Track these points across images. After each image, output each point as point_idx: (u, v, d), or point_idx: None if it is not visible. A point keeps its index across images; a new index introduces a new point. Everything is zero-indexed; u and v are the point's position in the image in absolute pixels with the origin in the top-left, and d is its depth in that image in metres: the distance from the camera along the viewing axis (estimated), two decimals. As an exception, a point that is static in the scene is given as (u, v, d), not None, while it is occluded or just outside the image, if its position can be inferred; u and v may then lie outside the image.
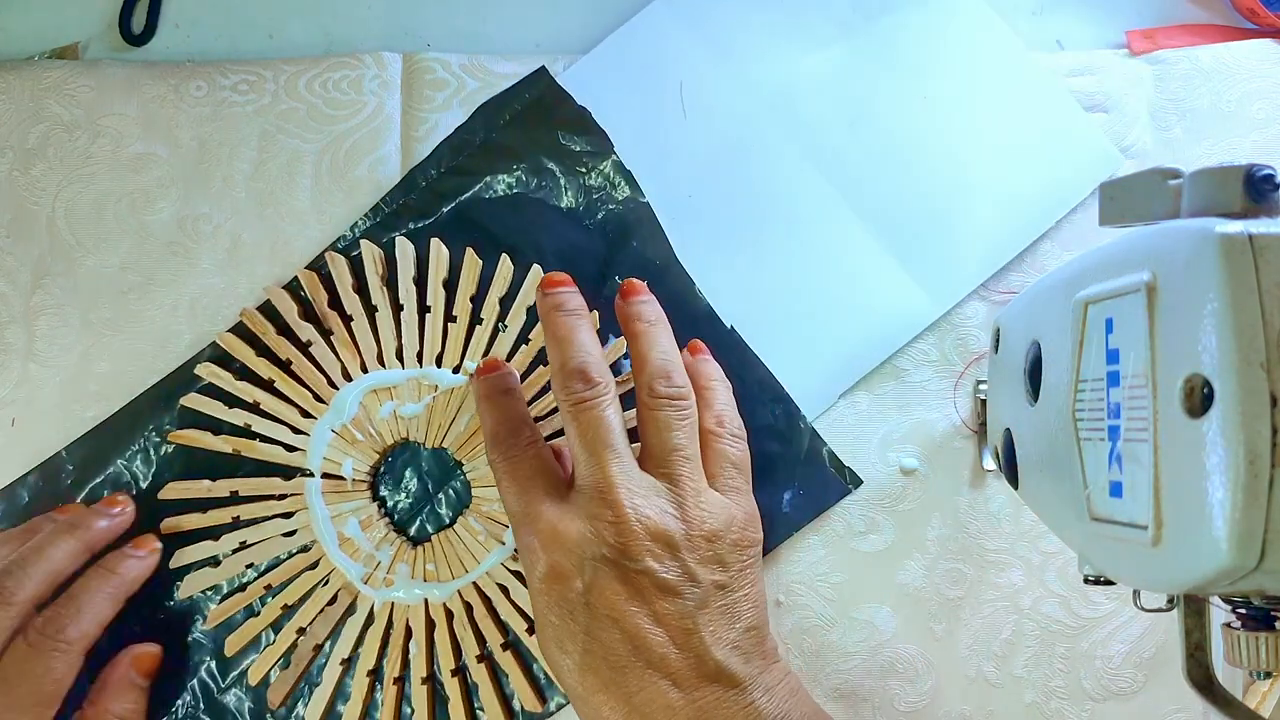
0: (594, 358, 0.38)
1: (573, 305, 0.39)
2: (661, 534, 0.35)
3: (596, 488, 0.35)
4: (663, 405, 0.37)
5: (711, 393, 0.40)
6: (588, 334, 0.38)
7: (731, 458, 0.39)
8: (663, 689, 0.34)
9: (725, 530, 0.36)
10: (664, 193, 0.45)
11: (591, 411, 0.36)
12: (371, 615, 0.42)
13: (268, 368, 0.43)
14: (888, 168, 0.45)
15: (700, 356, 0.42)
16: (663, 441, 0.37)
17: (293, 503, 0.43)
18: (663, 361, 0.38)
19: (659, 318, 0.40)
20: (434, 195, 0.44)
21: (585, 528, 0.35)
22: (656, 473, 0.37)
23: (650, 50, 0.46)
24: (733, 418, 0.40)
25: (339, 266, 0.43)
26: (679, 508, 0.36)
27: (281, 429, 0.43)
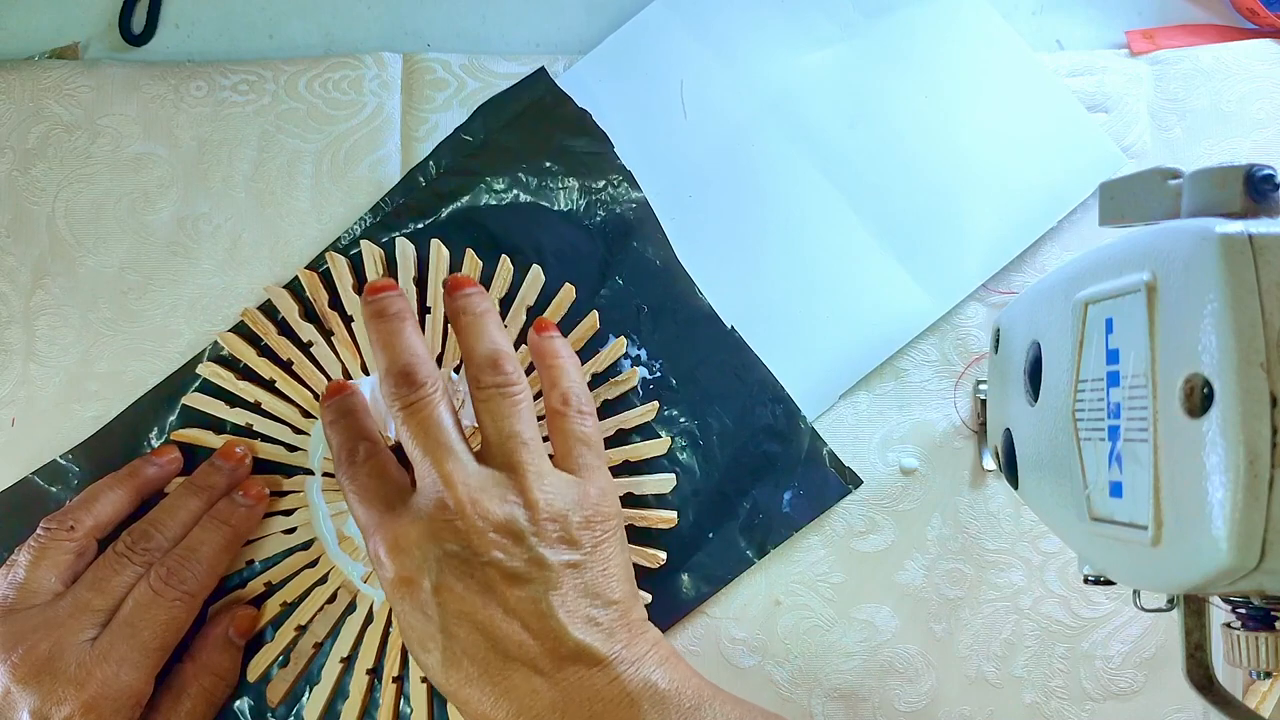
0: (417, 358, 0.38)
1: (394, 309, 0.39)
2: (503, 524, 0.35)
3: (435, 488, 0.35)
4: (491, 395, 0.37)
5: (556, 370, 0.40)
6: (411, 335, 0.38)
7: (578, 435, 0.39)
8: (526, 676, 0.34)
9: (573, 510, 0.36)
10: (664, 193, 0.45)
11: (420, 413, 0.37)
12: (371, 614, 0.42)
13: (269, 368, 0.43)
14: (889, 167, 0.45)
15: (545, 334, 0.41)
16: (498, 430, 0.37)
17: (293, 500, 0.43)
18: (488, 350, 0.38)
19: (485, 309, 0.40)
20: (434, 195, 0.44)
21: (427, 528, 0.35)
22: (495, 463, 0.37)
23: (650, 50, 0.46)
24: (579, 393, 0.40)
25: (339, 266, 0.43)
26: (520, 494, 0.36)
27: (283, 429, 0.43)
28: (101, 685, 0.36)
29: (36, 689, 0.36)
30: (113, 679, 0.36)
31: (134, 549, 0.39)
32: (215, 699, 0.41)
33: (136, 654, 0.37)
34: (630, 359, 0.44)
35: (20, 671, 0.36)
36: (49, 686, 0.36)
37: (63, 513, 0.40)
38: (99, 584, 0.38)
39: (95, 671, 0.36)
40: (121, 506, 0.41)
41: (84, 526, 0.39)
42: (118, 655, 0.37)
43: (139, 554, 0.39)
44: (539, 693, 0.34)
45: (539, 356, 0.41)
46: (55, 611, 0.37)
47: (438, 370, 0.38)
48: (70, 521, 0.39)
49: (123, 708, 0.37)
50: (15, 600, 0.37)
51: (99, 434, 0.43)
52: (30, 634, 0.36)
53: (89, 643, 0.37)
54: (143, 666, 0.37)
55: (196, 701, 0.40)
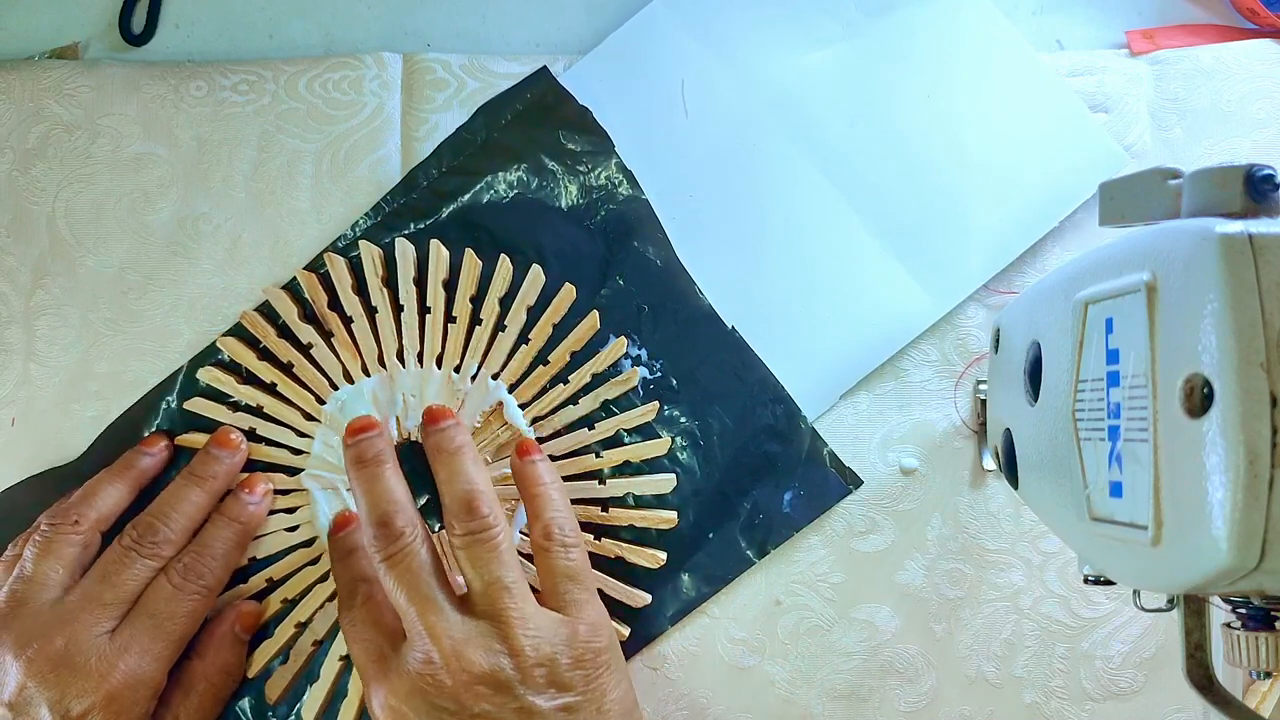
0: (397, 505, 0.38)
1: (371, 454, 0.39)
2: (489, 675, 0.35)
3: (421, 642, 0.35)
4: (469, 542, 0.37)
5: (540, 500, 0.40)
6: (389, 481, 0.39)
7: (563, 570, 0.38)
8: None
9: (562, 651, 0.36)
10: (665, 192, 0.45)
11: (401, 564, 0.37)
12: None
13: (270, 371, 0.43)
14: (889, 167, 0.45)
15: (528, 459, 0.41)
16: (479, 578, 0.37)
17: (296, 498, 0.43)
18: (464, 492, 0.38)
19: (460, 444, 0.40)
20: (435, 195, 0.44)
21: (413, 685, 0.35)
22: (479, 611, 0.36)
23: (651, 50, 0.45)
24: (562, 524, 0.39)
25: (338, 268, 0.43)
26: (504, 641, 0.35)
27: (286, 432, 0.43)
28: (124, 676, 0.37)
29: (55, 683, 0.36)
30: (134, 670, 0.37)
31: (141, 542, 0.39)
32: (222, 694, 0.41)
33: (158, 646, 0.38)
34: (631, 359, 0.44)
35: (37, 667, 0.36)
36: (68, 680, 0.36)
37: (65, 508, 0.40)
38: (108, 577, 0.38)
39: (118, 663, 0.37)
40: (121, 499, 0.41)
41: (88, 520, 0.39)
42: (139, 647, 0.37)
43: (146, 547, 0.39)
44: None
45: (521, 483, 0.40)
46: (66, 606, 0.37)
47: (418, 518, 0.38)
48: (74, 516, 0.39)
49: (141, 699, 0.37)
50: (24, 594, 0.38)
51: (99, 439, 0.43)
52: (43, 629, 0.36)
53: (107, 636, 0.37)
54: (162, 658, 0.38)
55: (204, 696, 0.40)
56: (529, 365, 0.43)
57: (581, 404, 0.43)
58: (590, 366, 0.43)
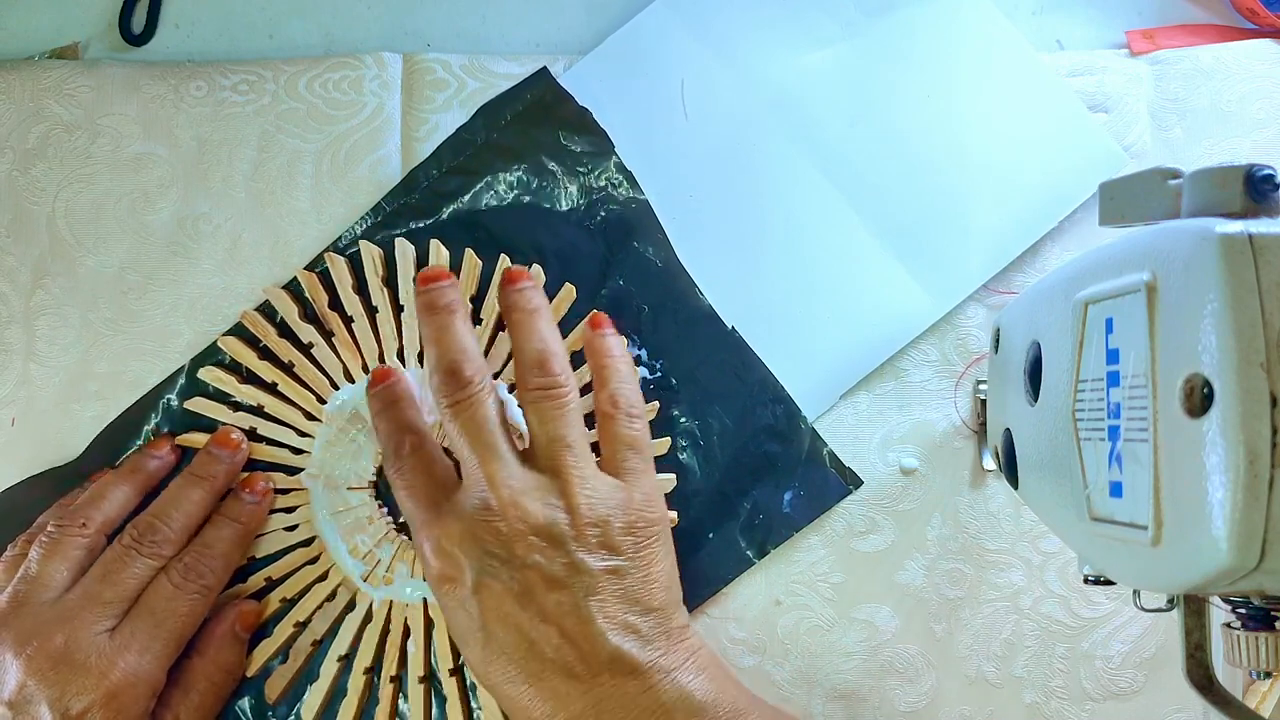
0: (466, 354, 0.38)
1: (444, 301, 0.39)
2: (544, 528, 0.35)
3: (479, 488, 0.36)
4: (538, 397, 0.38)
5: (608, 370, 0.40)
6: (461, 330, 0.39)
7: (626, 439, 0.39)
8: (561, 680, 0.35)
9: (616, 515, 0.36)
10: (665, 193, 0.45)
11: (467, 411, 0.37)
12: (370, 613, 0.42)
13: (270, 370, 0.43)
14: (889, 167, 0.45)
15: (599, 331, 0.41)
16: (544, 433, 0.37)
17: (295, 498, 0.43)
18: (537, 351, 0.38)
19: (537, 305, 0.40)
20: (435, 195, 0.44)
21: (468, 529, 0.36)
22: (540, 466, 0.37)
23: (652, 50, 0.45)
24: (628, 395, 0.40)
25: (338, 267, 0.43)
26: (562, 498, 0.36)
27: (287, 432, 0.43)
28: (124, 675, 0.37)
29: (55, 681, 0.36)
30: (134, 668, 0.37)
31: (141, 541, 0.39)
32: (222, 692, 0.41)
33: (158, 644, 0.38)
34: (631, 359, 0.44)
35: (36, 665, 0.36)
36: (68, 678, 0.36)
37: (73, 509, 0.40)
38: (108, 576, 0.38)
39: (118, 661, 0.37)
40: (129, 501, 0.41)
41: (95, 523, 0.39)
42: (139, 645, 0.37)
43: (147, 546, 0.39)
44: (573, 697, 0.34)
45: (591, 354, 0.41)
46: (66, 604, 0.37)
47: (486, 367, 0.38)
48: (81, 518, 0.39)
49: (141, 697, 0.37)
50: (27, 594, 0.38)
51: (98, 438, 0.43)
52: (43, 627, 0.36)
53: (107, 634, 0.37)
54: (162, 656, 0.38)
55: (204, 695, 0.40)
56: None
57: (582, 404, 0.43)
58: None
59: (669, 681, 0.35)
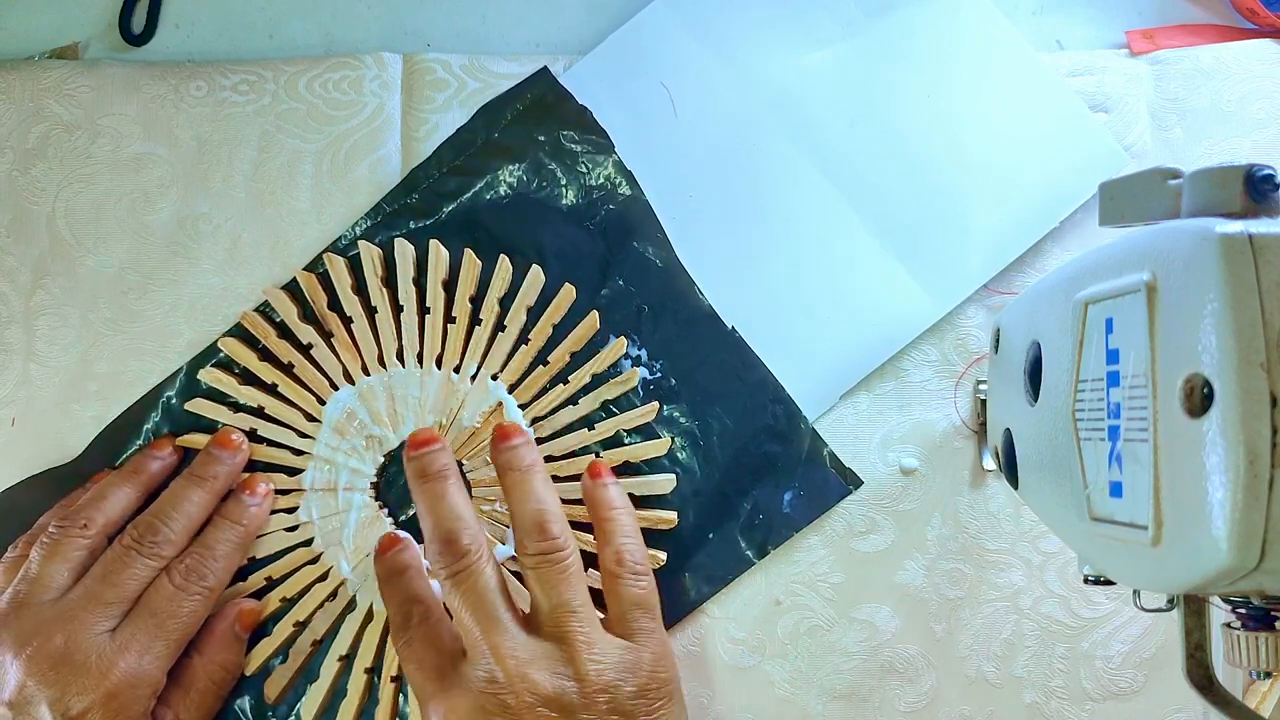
0: (462, 522, 0.38)
1: (437, 466, 0.39)
2: (553, 699, 0.35)
3: (483, 660, 0.35)
4: (539, 563, 0.37)
5: (611, 524, 0.40)
6: (455, 496, 0.39)
7: (633, 598, 0.38)
8: None
9: (626, 679, 0.36)
10: (665, 192, 0.45)
11: (466, 583, 0.37)
12: (371, 613, 0.42)
13: (270, 371, 0.43)
14: (890, 167, 0.45)
15: (599, 481, 0.41)
16: (547, 599, 0.37)
17: (296, 499, 0.43)
18: (534, 514, 0.38)
19: (531, 463, 0.40)
20: (435, 195, 0.44)
21: (476, 703, 0.35)
22: (545, 633, 0.36)
23: (651, 50, 0.45)
24: (633, 551, 0.39)
25: (337, 268, 0.43)
26: (570, 665, 0.35)
27: (287, 433, 0.43)
28: (124, 675, 0.37)
29: (55, 681, 0.36)
30: (135, 669, 0.37)
31: (141, 542, 0.39)
32: (222, 691, 0.41)
33: (159, 645, 0.38)
34: (631, 359, 0.44)
35: (36, 665, 0.36)
36: (68, 678, 0.36)
37: (74, 510, 0.40)
38: (109, 577, 0.38)
39: (118, 661, 0.37)
40: (130, 502, 0.41)
41: (96, 524, 0.39)
42: (139, 646, 0.37)
43: (147, 546, 0.39)
44: None
45: (592, 505, 0.40)
46: (66, 605, 0.37)
47: (482, 533, 0.38)
48: (83, 519, 0.39)
49: (141, 697, 0.37)
50: (27, 594, 0.38)
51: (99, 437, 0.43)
52: (43, 628, 0.36)
53: (107, 634, 0.37)
54: (162, 657, 0.38)
55: (204, 694, 0.40)
56: (529, 366, 0.43)
57: (581, 404, 0.43)
58: (590, 367, 0.43)
59: None
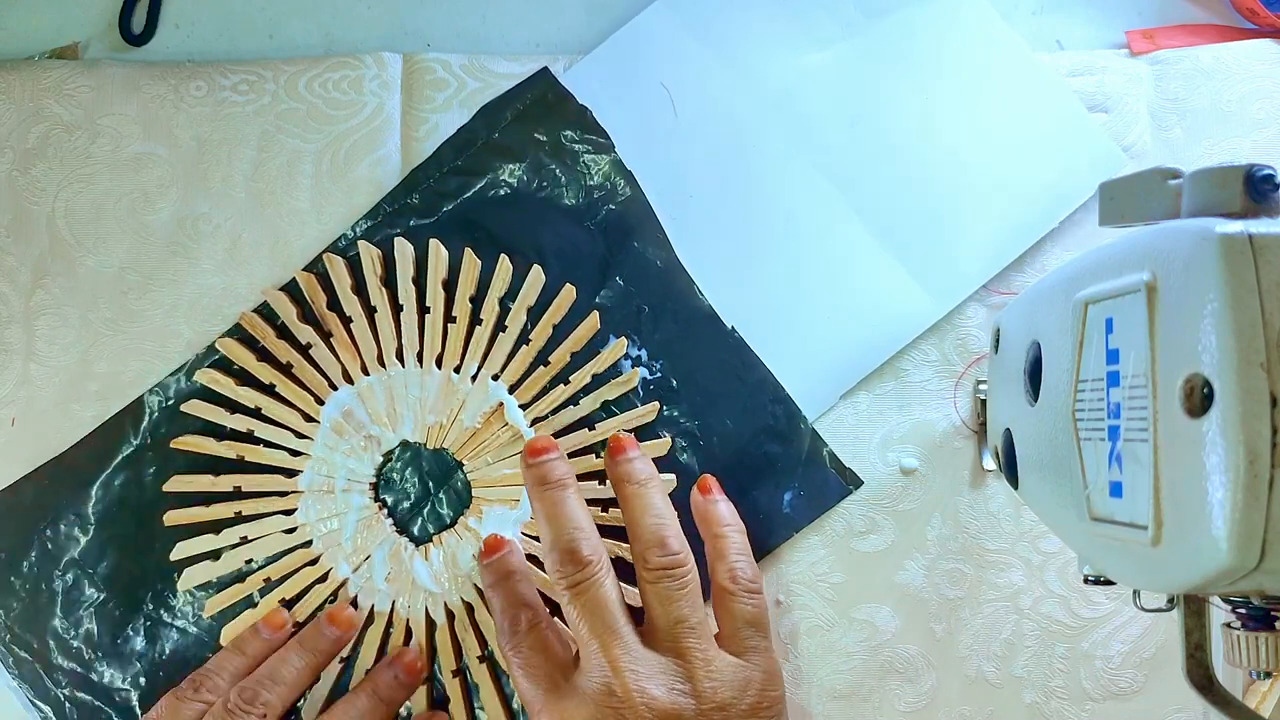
0: (583, 533, 0.37)
1: (557, 475, 0.39)
2: (670, 714, 0.35)
3: (602, 673, 0.35)
4: (659, 577, 0.37)
5: (724, 541, 0.40)
6: (575, 506, 0.38)
7: (747, 616, 0.38)
8: None
9: (740, 697, 0.36)
10: (665, 193, 0.45)
11: (587, 593, 0.36)
12: (372, 615, 0.42)
13: (269, 372, 0.43)
14: (890, 167, 0.45)
15: (710, 498, 0.41)
16: (666, 615, 0.37)
17: (295, 500, 0.43)
18: (655, 527, 0.38)
19: (649, 475, 0.40)
20: (435, 195, 0.44)
21: (592, 715, 0.35)
22: (662, 648, 0.36)
23: (651, 51, 0.45)
24: (746, 568, 0.39)
25: (337, 268, 0.43)
26: (687, 682, 0.35)
27: (285, 434, 0.43)
28: None
29: None
30: None
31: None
32: None
33: None
34: (631, 359, 0.44)
35: None
36: None
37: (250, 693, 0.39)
38: None
39: None
40: (305, 684, 0.41)
41: (275, 712, 0.39)
42: None
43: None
44: None
45: (704, 522, 0.40)
46: None
47: (602, 545, 0.38)
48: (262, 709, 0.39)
49: None
50: None
51: (96, 432, 0.43)
52: None
53: None
54: None
55: None
56: (529, 366, 0.43)
57: (582, 404, 0.43)
58: (591, 367, 0.43)
59: None
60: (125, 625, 0.43)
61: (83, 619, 0.43)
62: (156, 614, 0.43)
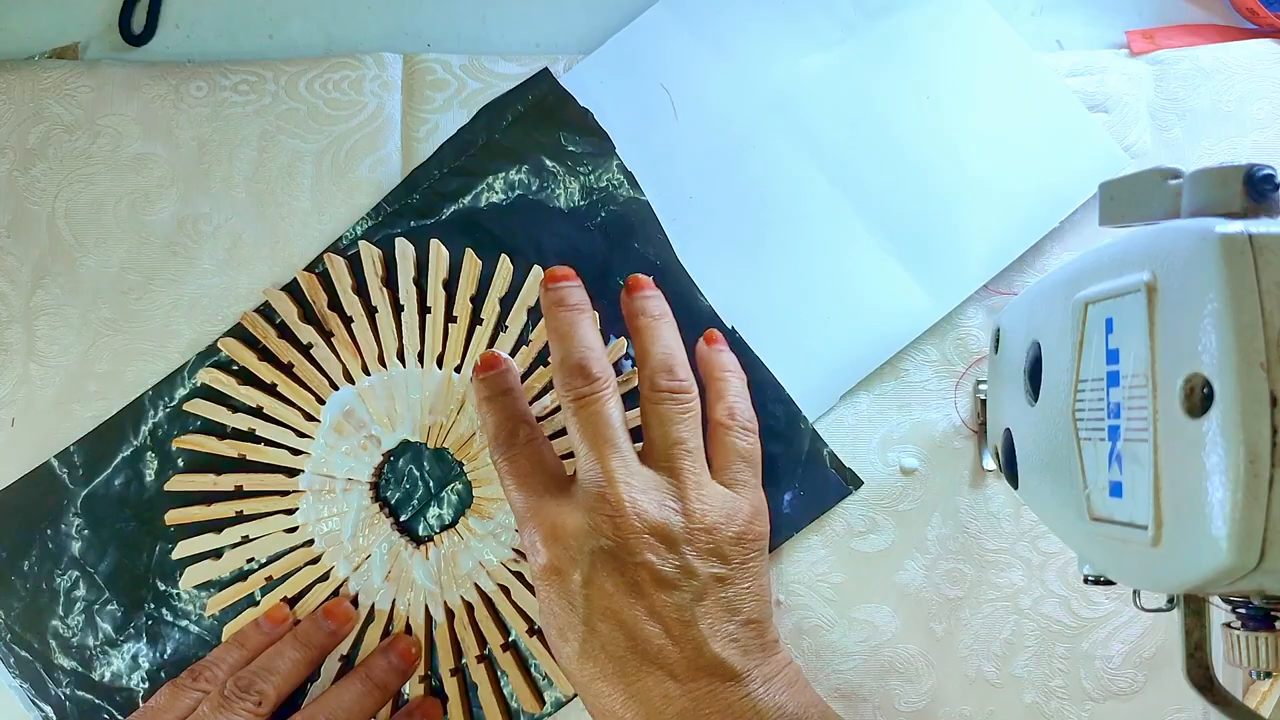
0: (594, 352, 0.38)
1: (574, 300, 0.39)
2: (660, 528, 0.35)
3: (596, 482, 0.36)
4: (664, 399, 0.38)
5: (724, 384, 0.41)
6: (588, 329, 0.39)
7: (740, 451, 0.39)
8: (659, 680, 0.34)
9: (727, 524, 0.37)
10: (666, 194, 0.45)
11: (591, 406, 0.37)
12: (372, 613, 0.42)
13: (270, 371, 0.43)
14: (890, 168, 0.45)
15: (715, 346, 0.42)
16: (664, 435, 0.37)
17: (296, 499, 0.43)
18: (664, 355, 0.39)
19: (663, 312, 0.40)
20: (436, 196, 0.44)
21: (584, 521, 0.35)
22: (658, 466, 0.37)
23: (652, 52, 0.45)
24: (744, 410, 0.40)
25: (337, 268, 0.43)
26: (679, 501, 0.36)
27: (286, 433, 0.43)
28: None
29: None
30: None
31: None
32: None
33: None
34: (631, 360, 0.44)
35: None
36: None
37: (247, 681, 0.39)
38: None
39: None
40: (301, 676, 0.41)
41: (269, 704, 0.39)
42: None
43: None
44: (670, 699, 0.34)
45: (707, 369, 0.41)
46: None
47: (611, 367, 0.39)
48: (258, 697, 0.39)
49: None
50: None
51: (97, 430, 0.43)
52: None
53: None
54: None
55: None
56: (530, 365, 0.43)
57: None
58: None
59: (764, 691, 0.35)
60: (127, 624, 0.43)
61: (84, 618, 0.43)
62: (158, 613, 0.43)
